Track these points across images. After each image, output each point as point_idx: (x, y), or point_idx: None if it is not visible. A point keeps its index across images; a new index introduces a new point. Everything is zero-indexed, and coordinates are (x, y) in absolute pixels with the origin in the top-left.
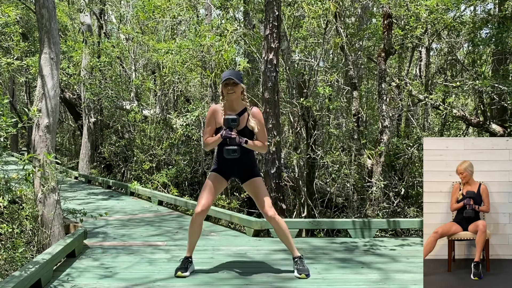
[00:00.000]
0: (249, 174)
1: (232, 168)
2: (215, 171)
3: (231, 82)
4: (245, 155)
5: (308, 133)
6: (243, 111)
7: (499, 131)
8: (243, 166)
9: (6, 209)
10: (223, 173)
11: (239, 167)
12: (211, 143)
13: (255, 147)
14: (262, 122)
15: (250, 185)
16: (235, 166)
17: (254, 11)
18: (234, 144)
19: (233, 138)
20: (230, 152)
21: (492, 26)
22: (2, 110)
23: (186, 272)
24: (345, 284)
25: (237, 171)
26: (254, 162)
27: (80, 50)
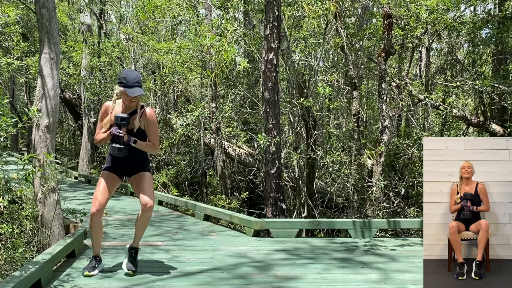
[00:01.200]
0: (136, 170)
1: (122, 166)
2: (108, 169)
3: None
4: (136, 154)
5: (308, 133)
6: (136, 110)
7: (499, 131)
8: (132, 164)
9: (6, 209)
10: (115, 171)
11: (128, 165)
12: (101, 139)
13: (144, 148)
14: (155, 122)
15: (135, 178)
16: (124, 164)
17: (254, 11)
18: (121, 143)
19: (121, 136)
20: (116, 150)
21: (492, 26)
22: (2, 110)
23: (94, 271)
24: (345, 284)
25: (127, 169)
26: (144, 161)
27: (80, 50)
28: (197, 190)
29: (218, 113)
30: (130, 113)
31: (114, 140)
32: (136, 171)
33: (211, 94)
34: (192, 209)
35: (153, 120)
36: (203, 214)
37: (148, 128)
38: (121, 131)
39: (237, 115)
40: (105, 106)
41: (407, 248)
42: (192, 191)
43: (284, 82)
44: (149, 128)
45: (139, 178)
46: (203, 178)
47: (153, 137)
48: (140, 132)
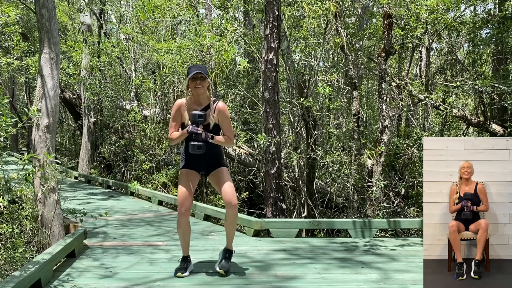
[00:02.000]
0: (214, 166)
1: (199, 162)
2: (186, 167)
3: (199, 76)
4: (211, 150)
5: (308, 133)
6: (209, 106)
7: (499, 131)
8: (209, 160)
9: (6, 209)
10: (193, 168)
11: (206, 161)
12: (176, 138)
13: (221, 142)
14: (228, 116)
15: (214, 175)
16: (201, 160)
17: (254, 11)
18: (199, 140)
19: (199, 134)
20: (195, 147)
21: (492, 26)
22: (2, 110)
23: (186, 272)
24: (345, 284)
25: (204, 165)
26: (220, 156)
27: (80, 50)
28: (197, 190)
29: None
30: (203, 108)
31: (192, 138)
32: (214, 167)
33: None
34: (192, 209)
35: (227, 113)
36: (203, 214)
37: (222, 122)
38: (199, 128)
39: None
40: (177, 104)
41: (407, 248)
42: None
43: (284, 82)
44: (223, 122)
45: (218, 175)
46: (203, 178)
47: (228, 130)
48: (214, 126)
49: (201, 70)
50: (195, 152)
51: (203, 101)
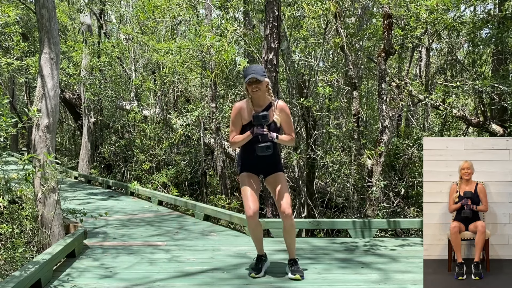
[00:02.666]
0: (272, 169)
1: (257, 165)
2: (245, 170)
3: (254, 80)
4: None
5: (308, 133)
6: (270, 105)
7: (499, 131)
8: (268, 163)
9: (6, 209)
10: (253, 170)
11: (265, 163)
12: (240, 141)
13: (285, 142)
14: (289, 115)
15: (271, 180)
16: (261, 162)
17: (254, 11)
18: (266, 141)
19: (265, 134)
20: (264, 149)
21: (492, 26)
22: (2, 110)
23: (260, 273)
24: (345, 284)
25: (263, 167)
26: (278, 158)
27: (80, 50)
28: (197, 190)
29: (218, 113)
30: (264, 109)
31: (258, 140)
32: (272, 171)
33: (211, 94)
34: (192, 209)
35: (288, 112)
36: (203, 214)
37: (284, 121)
38: (264, 129)
39: None
40: (236, 107)
41: (407, 248)
42: (192, 191)
43: (284, 82)
44: (285, 121)
45: (276, 181)
46: (203, 178)
47: (290, 129)
48: (272, 126)
49: (256, 73)
50: (263, 153)
51: (263, 102)
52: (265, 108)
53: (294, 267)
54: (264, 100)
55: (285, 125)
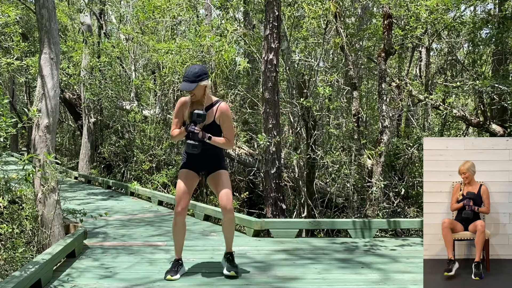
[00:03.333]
0: (214, 167)
1: (199, 163)
2: (185, 167)
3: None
4: (211, 151)
5: (308, 133)
6: (212, 105)
7: (499, 131)
8: (209, 161)
9: (6, 209)
10: (193, 168)
11: (206, 162)
12: (176, 135)
13: (219, 144)
14: (229, 118)
15: (213, 177)
16: (201, 160)
17: (254, 11)
18: (196, 140)
19: (196, 133)
20: (190, 147)
21: (492, 26)
22: (2, 110)
23: (176, 275)
24: (345, 284)
25: (204, 166)
26: (221, 157)
27: (80, 50)
28: (197, 190)
29: None
30: (205, 108)
31: (189, 136)
32: (213, 169)
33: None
34: (192, 209)
35: (228, 115)
36: (203, 214)
37: (223, 123)
38: (197, 127)
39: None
40: (180, 101)
41: (407, 248)
42: None
43: (284, 82)
44: (224, 123)
45: (217, 178)
46: (203, 178)
47: (228, 132)
48: (213, 127)
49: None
50: (190, 151)
51: (205, 101)
52: (206, 108)
53: (230, 262)
54: (207, 100)
55: (224, 128)
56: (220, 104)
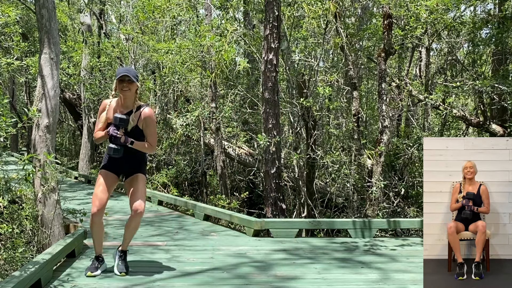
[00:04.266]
0: (133, 171)
1: (119, 165)
2: (105, 168)
3: (127, 79)
4: (131, 155)
5: (308, 133)
6: (137, 109)
7: (499, 131)
8: (128, 164)
9: (6, 209)
10: (113, 170)
11: (126, 165)
12: (99, 138)
13: (141, 148)
14: (153, 123)
15: (130, 180)
16: (121, 163)
17: (254, 11)
18: (118, 144)
19: (118, 137)
20: (112, 150)
21: (492, 26)
22: (2, 110)
23: (97, 271)
24: (345, 284)
25: (124, 168)
26: (141, 162)
27: (80, 50)
28: (197, 190)
29: (218, 113)
30: (128, 113)
31: (112, 140)
32: (132, 173)
33: (211, 94)
34: (192, 209)
35: (152, 120)
36: (203, 214)
37: (146, 128)
38: (119, 132)
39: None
40: (103, 103)
41: (407, 248)
42: (192, 191)
43: (284, 82)
44: (147, 128)
45: (133, 181)
46: (203, 178)
47: (150, 137)
48: (137, 132)
49: (129, 73)
50: (112, 155)
51: (129, 105)
52: (129, 112)
53: (121, 261)
54: (131, 103)
55: (147, 133)
56: (144, 109)
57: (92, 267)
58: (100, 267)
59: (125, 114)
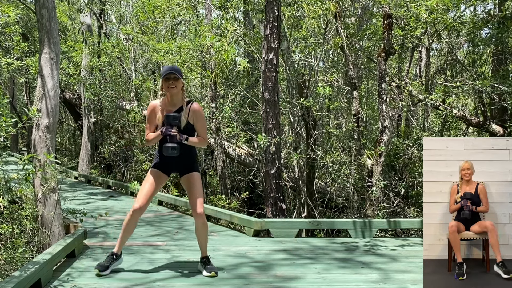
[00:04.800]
0: (188, 169)
1: (172, 164)
2: (156, 167)
3: (172, 76)
4: (186, 152)
5: (308, 133)
6: (183, 106)
7: (499, 131)
8: (183, 162)
9: (6, 209)
10: (164, 169)
11: (179, 163)
12: (151, 139)
13: (195, 143)
14: (203, 117)
15: (186, 179)
16: (175, 162)
17: (254, 11)
18: (174, 142)
19: (173, 135)
20: (169, 149)
21: (492, 26)
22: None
23: (106, 271)
24: (345, 284)
25: (177, 167)
26: (194, 158)
27: (80, 50)
28: None
29: (218, 113)
30: (177, 110)
31: (166, 139)
32: (186, 171)
33: (211, 94)
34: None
35: (201, 113)
36: None
37: (196, 123)
38: (173, 130)
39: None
40: (151, 105)
41: (407, 248)
42: None
43: (284, 82)
44: (198, 122)
45: (190, 181)
46: (203, 178)
47: (202, 131)
48: (188, 127)
49: (174, 71)
50: (169, 154)
51: (177, 102)
52: (178, 109)
53: (208, 265)
54: (179, 100)
55: (198, 127)
56: (193, 104)
57: (104, 265)
58: (111, 266)
59: (175, 111)
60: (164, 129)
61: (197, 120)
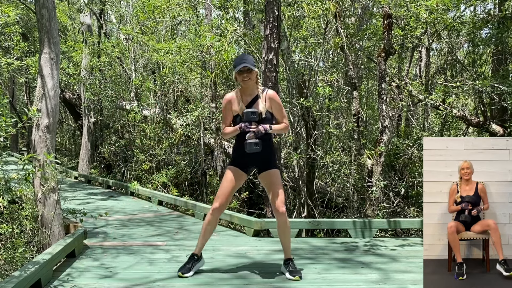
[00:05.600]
0: (266, 165)
1: (251, 161)
2: (235, 164)
3: (246, 69)
4: (265, 147)
5: (308, 133)
6: (258, 96)
7: (499, 131)
8: (261, 157)
9: (6, 209)
10: (242, 166)
11: (258, 158)
12: (229, 133)
13: (280, 130)
14: (280, 103)
15: (265, 177)
16: (254, 158)
17: (254, 11)
18: (256, 137)
19: (255, 131)
20: (252, 145)
21: (492, 26)
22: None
23: (189, 273)
24: (345, 284)
25: (256, 162)
26: (273, 153)
27: (80, 50)
28: (197, 190)
29: (218, 113)
30: (254, 99)
31: (244, 136)
32: (266, 167)
33: (211, 94)
34: (192, 209)
35: (278, 99)
36: (203, 214)
37: (275, 110)
38: (253, 126)
39: None
40: (226, 98)
41: (407, 248)
42: (192, 191)
43: (284, 82)
44: (276, 109)
45: (271, 179)
46: (203, 178)
47: (281, 116)
48: (268, 116)
49: (247, 63)
50: (252, 150)
51: (252, 92)
52: (253, 99)
53: (291, 267)
54: (253, 90)
55: (277, 113)
56: (267, 91)
57: (186, 267)
58: (193, 268)
59: (251, 101)
60: (243, 125)
61: (275, 106)
